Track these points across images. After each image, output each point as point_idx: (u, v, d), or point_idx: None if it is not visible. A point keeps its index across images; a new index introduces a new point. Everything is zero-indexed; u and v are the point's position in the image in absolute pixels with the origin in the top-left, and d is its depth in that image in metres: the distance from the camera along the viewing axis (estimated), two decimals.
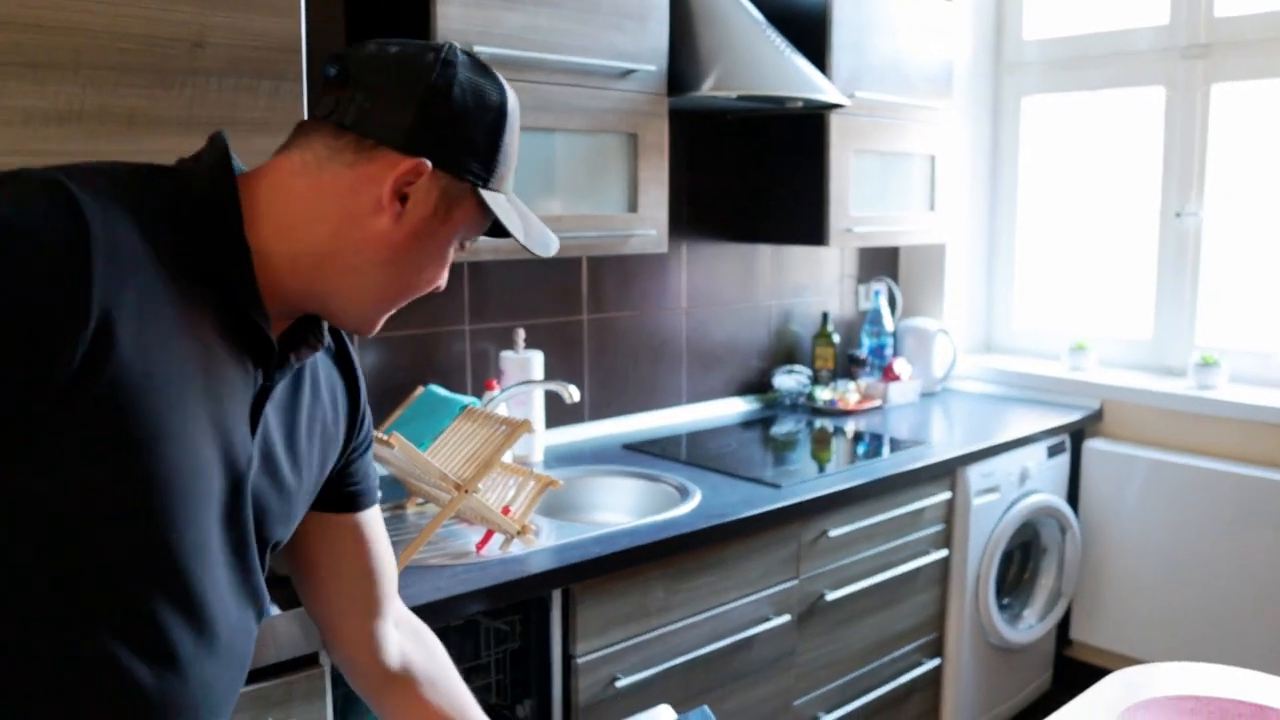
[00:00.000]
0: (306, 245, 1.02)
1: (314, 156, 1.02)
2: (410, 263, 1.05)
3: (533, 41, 2.14)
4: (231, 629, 1.04)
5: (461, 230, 1.07)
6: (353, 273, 1.03)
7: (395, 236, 1.03)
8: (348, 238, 1.02)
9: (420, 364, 2.44)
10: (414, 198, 1.02)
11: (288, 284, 1.03)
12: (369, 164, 1.01)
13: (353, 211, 1.02)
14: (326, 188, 1.01)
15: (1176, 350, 3.26)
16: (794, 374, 3.22)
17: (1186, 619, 3.03)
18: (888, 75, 2.95)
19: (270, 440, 1.07)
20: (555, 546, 1.97)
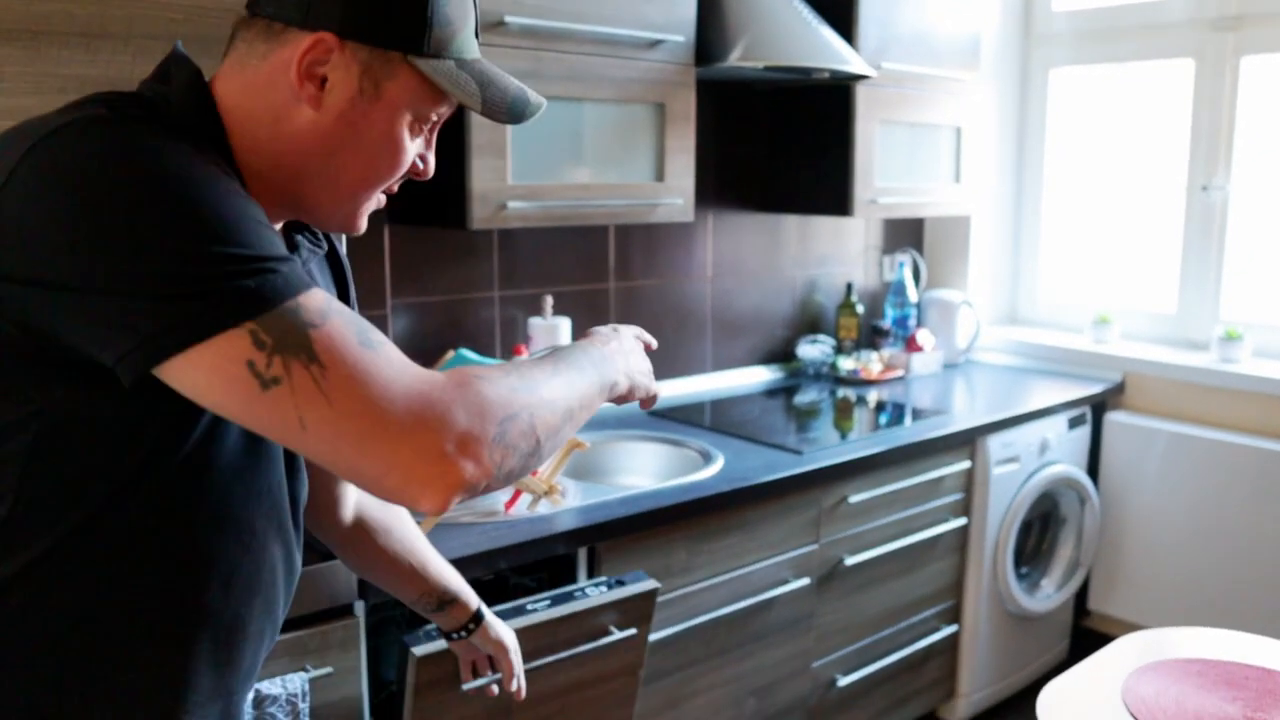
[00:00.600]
0: (257, 155, 0.98)
1: (238, 55, 0.98)
2: (355, 151, 0.98)
3: (562, 11, 2.17)
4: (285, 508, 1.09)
5: (407, 107, 0.98)
6: (302, 176, 0.99)
7: (324, 124, 0.96)
8: (282, 135, 0.97)
9: (450, 329, 2.50)
10: (332, 78, 0.95)
11: (270, 195, 0.99)
12: (281, 49, 0.95)
13: (275, 106, 0.96)
14: (250, 86, 0.96)
15: (1200, 324, 3.27)
16: (818, 344, 3.25)
17: (1204, 590, 3.06)
18: (915, 47, 2.97)
19: None
20: (581, 507, 2.02)
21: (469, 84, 0.99)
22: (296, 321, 0.84)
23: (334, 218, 1.03)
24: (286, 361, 0.83)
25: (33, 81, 1.26)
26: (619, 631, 1.88)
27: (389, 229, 2.34)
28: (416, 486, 0.85)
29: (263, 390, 0.83)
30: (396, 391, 0.85)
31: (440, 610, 1.45)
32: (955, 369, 3.45)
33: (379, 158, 0.99)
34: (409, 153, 1.01)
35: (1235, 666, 1.65)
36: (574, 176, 2.28)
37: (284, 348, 0.83)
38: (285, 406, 0.83)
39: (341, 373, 0.84)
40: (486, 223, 2.13)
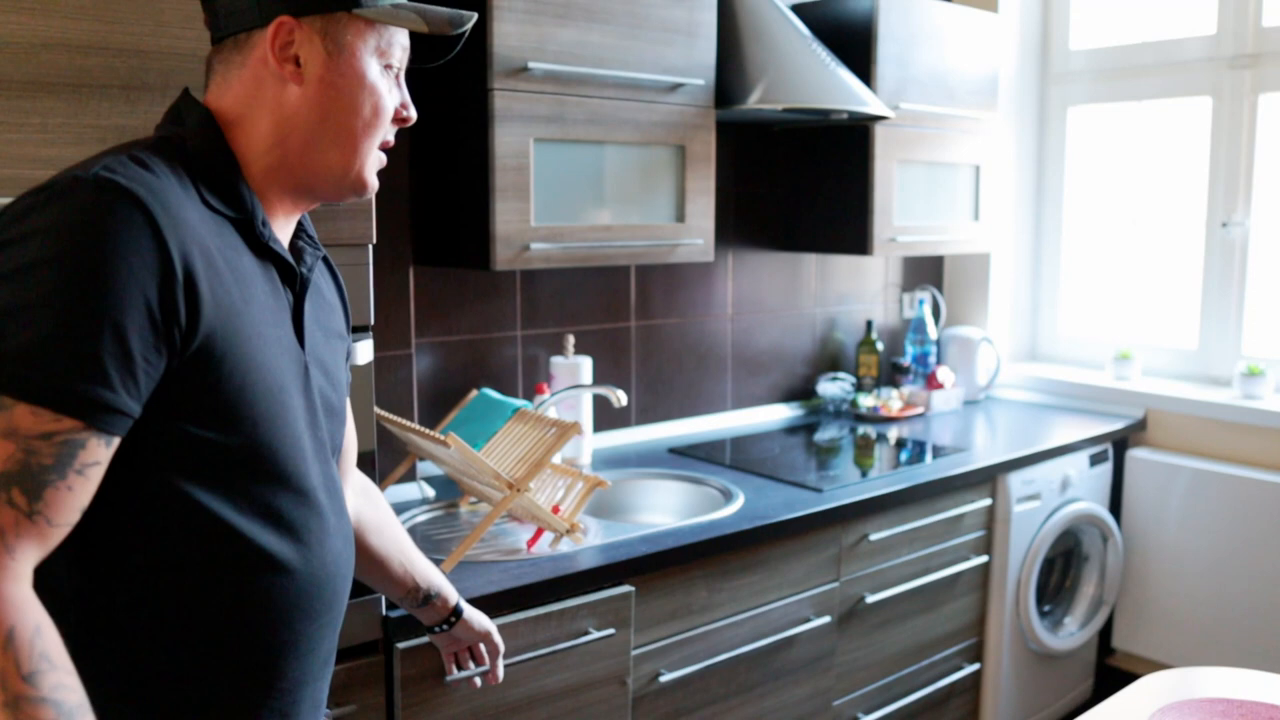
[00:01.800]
0: (267, 150, 1.11)
1: (220, 77, 1.12)
2: (342, 108, 1.12)
3: (584, 57, 2.22)
4: (334, 510, 1.18)
5: (368, 54, 1.12)
6: (309, 147, 1.12)
7: (311, 94, 1.10)
8: (281, 121, 1.11)
9: (473, 368, 2.53)
10: (302, 54, 1.10)
11: (281, 194, 1.14)
12: (251, 52, 1.10)
13: (267, 99, 1.10)
14: (241, 95, 1.11)
15: (1222, 360, 3.27)
16: (838, 381, 3.27)
17: (1230, 629, 3.04)
18: (932, 87, 3.00)
19: (315, 347, 1.19)
20: (603, 545, 2.04)
21: (408, 14, 1.13)
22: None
23: (346, 179, 1.15)
24: None
25: (75, 132, 1.31)
26: (597, 632, 1.92)
27: (414, 270, 2.37)
28: None
29: None
30: None
31: (423, 606, 1.56)
32: (976, 406, 3.45)
33: (364, 103, 1.13)
34: (386, 94, 1.14)
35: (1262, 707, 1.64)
36: (596, 218, 2.31)
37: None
38: None
39: None
40: (510, 264, 2.16)
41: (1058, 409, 3.39)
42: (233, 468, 1.04)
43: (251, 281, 1.07)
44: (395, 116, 1.18)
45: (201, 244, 1.00)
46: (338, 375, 1.25)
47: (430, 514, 2.24)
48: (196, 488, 1.02)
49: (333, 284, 1.32)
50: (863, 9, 2.86)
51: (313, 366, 1.17)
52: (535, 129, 2.17)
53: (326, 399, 1.20)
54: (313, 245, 1.23)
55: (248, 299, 1.05)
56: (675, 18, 2.36)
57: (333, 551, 1.16)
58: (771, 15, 2.62)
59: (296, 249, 1.20)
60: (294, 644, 1.12)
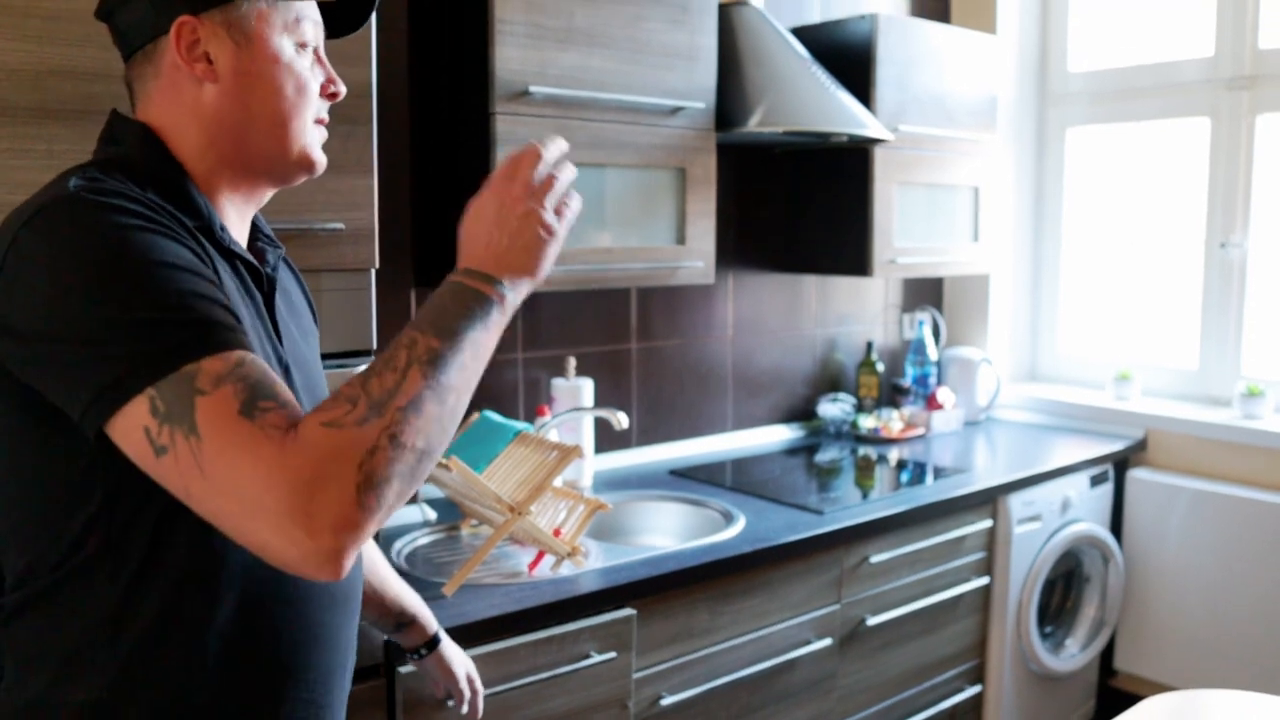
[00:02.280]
0: (202, 154, 1.10)
1: (140, 92, 1.11)
2: (264, 95, 1.10)
3: (585, 81, 2.23)
4: None
5: (276, 36, 1.10)
6: (242, 141, 1.11)
7: (229, 88, 1.09)
8: (208, 122, 1.09)
9: (475, 390, 2.52)
10: (211, 50, 1.08)
11: (231, 193, 1.14)
12: (160, 61, 1.09)
13: (187, 103, 1.09)
14: (164, 105, 1.10)
15: (1222, 380, 3.27)
16: (838, 402, 3.27)
17: (1232, 650, 3.03)
18: (931, 109, 3.01)
19: (293, 347, 1.19)
20: (604, 568, 2.03)
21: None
22: (188, 389, 0.90)
23: (289, 161, 1.13)
24: (173, 431, 0.89)
25: (80, 158, 1.30)
26: (598, 656, 1.91)
27: (415, 292, 2.38)
28: (304, 563, 0.90)
29: (156, 457, 0.90)
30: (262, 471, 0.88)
31: (399, 631, 1.56)
32: (976, 427, 3.45)
33: (286, 84, 1.11)
34: (305, 72, 1.13)
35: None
36: (597, 240, 2.32)
37: (172, 416, 0.89)
38: (173, 475, 0.90)
39: (215, 446, 0.89)
40: None
41: (1058, 429, 3.39)
42: None
43: (229, 283, 1.07)
44: (323, 92, 1.16)
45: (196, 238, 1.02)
46: (316, 373, 1.25)
47: (431, 536, 2.24)
48: None
49: (295, 281, 1.31)
50: (862, 32, 2.88)
51: (294, 367, 1.16)
52: None
53: (312, 396, 1.20)
54: (272, 244, 1.22)
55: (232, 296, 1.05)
56: (676, 42, 2.37)
57: None
58: (771, 39, 2.63)
59: (257, 250, 1.20)
60: (319, 633, 1.13)
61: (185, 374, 0.90)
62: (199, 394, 0.89)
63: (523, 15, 2.13)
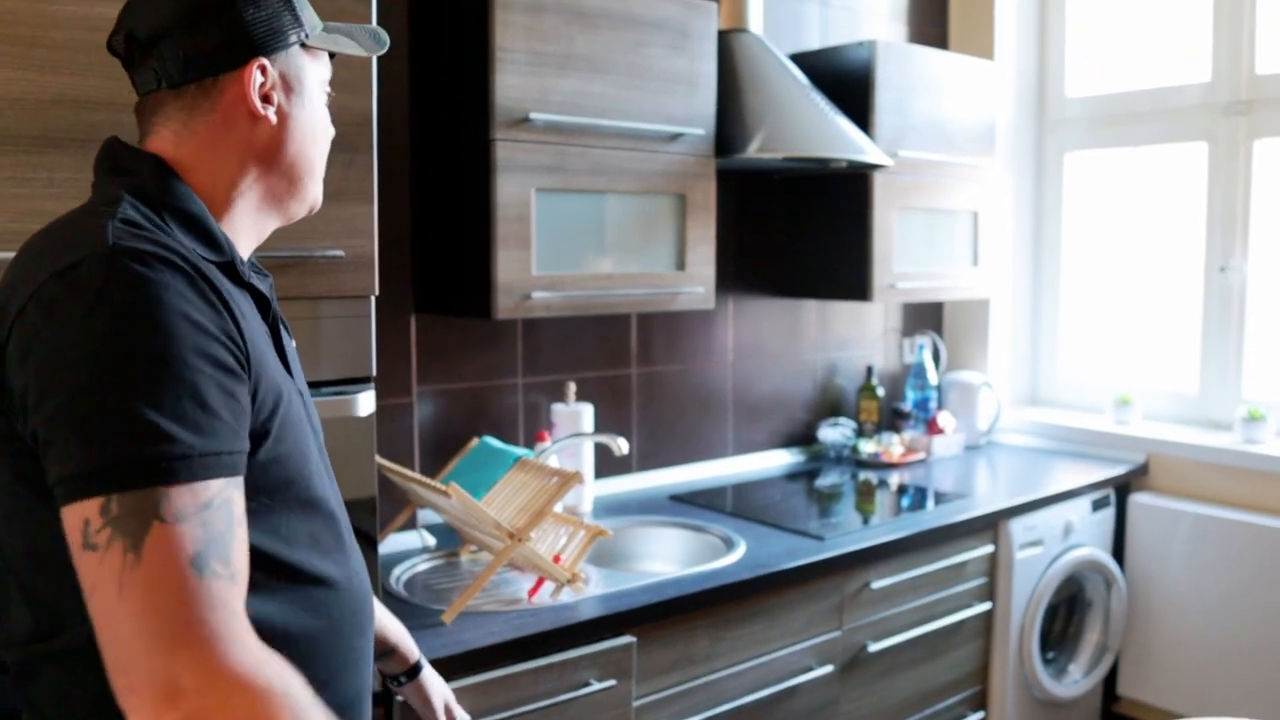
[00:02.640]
0: (236, 189, 1.13)
1: (179, 124, 1.11)
2: (307, 140, 1.17)
3: (586, 107, 2.24)
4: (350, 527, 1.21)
5: (317, 85, 1.18)
6: (285, 179, 1.17)
7: (282, 131, 1.14)
8: (252, 159, 1.13)
9: (474, 416, 2.53)
10: (274, 93, 1.13)
11: (249, 228, 1.17)
12: (221, 96, 1.10)
13: (239, 139, 1.12)
14: (207, 139, 1.11)
15: (1223, 404, 3.27)
16: (838, 427, 3.26)
17: (1236, 675, 3.02)
18: (930, 134, 3.02)
19: (297, 374, 1.21)
20: (604, 595, 2.03)
21: (343, 42, 1.20)
22: (149, 510, 0.87)
23: (307, 199, 1.21)
24: (113, 537, 0.87)
25: (81, 187, 1.31)
26: (598, 683, 1.90)
27: (416, 318, 2.38)
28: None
29: (83, 548, 0.88)
30: (175, 637, 0.85)
31: (380, 659, 1.51)
32: (977, 451, 3.45)
33: (321, 132, 1.20)
34: (329, 121, 1.21)
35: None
36: (597, 266, 2.32)
37: (119, 525, 0.87)
38: (89, 570, 0.87)
39: (147, 578, 0.86)
40: (511, 313, 2.17)
41: (1059, 454, 3.39)
42: (271, 499, 1.06)
43: (249, 319, 1.07)
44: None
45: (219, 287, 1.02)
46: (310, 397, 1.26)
47: (431, 563, 2.23)
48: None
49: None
50: (861, 58, 2.89)
51: (304, 393, 1.20)
52: (537, 179, 2.18)
53: (316, 423, 1.23)
54: (260, 274, 1.22)
55: (255, 337, 1.06)
56: (675, 68, 2.38)
57: (361, 565, 1.21)
58: (770, 65, 2.64)
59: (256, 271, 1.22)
60: (351, 659, 1.16)
61: (154, 495, 0.88)
62: (159, 520, 0.87)
63: (523, 42, 2.14)
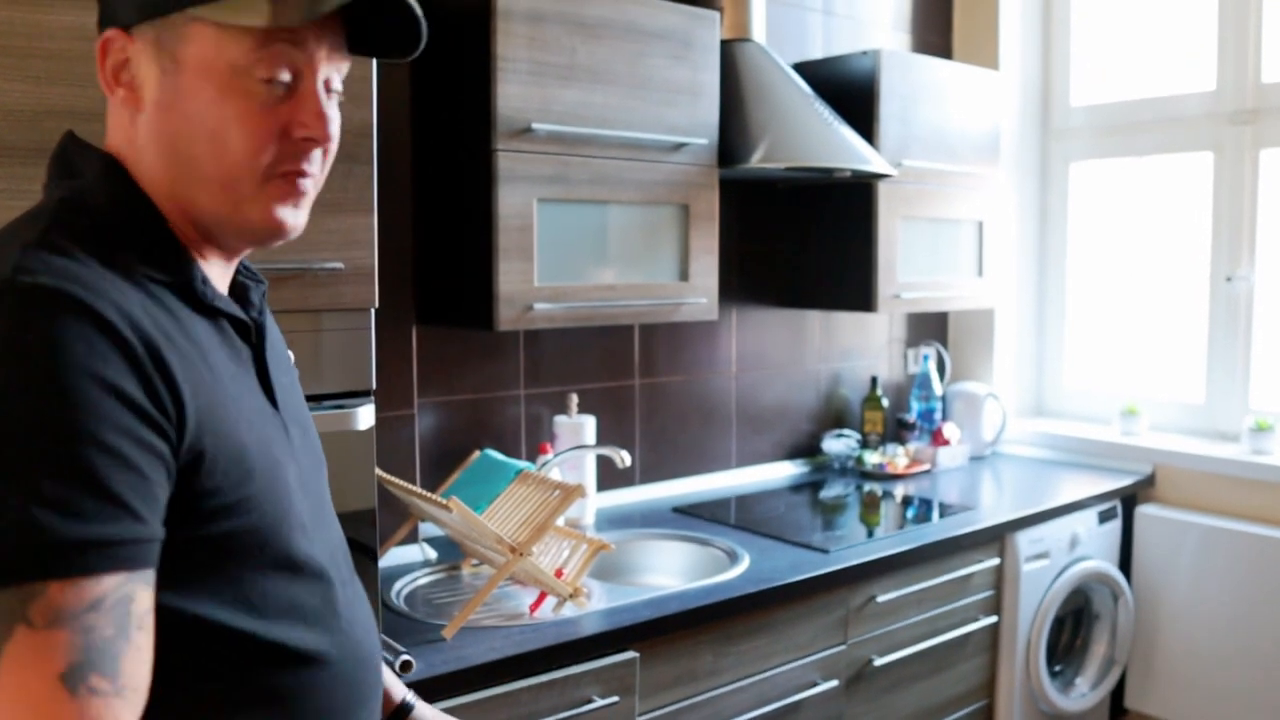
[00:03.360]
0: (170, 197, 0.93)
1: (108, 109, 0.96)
2: (193, 134, 0.90)
3: (588, 118, 2.22)
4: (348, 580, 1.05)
5: (221, 64, 0.89)
6: (184, 190, 0.93)
7: (155, 122, 0.91)
8: (146, 157, 0.93)
9: (476, 428, 2.51)
10: (138, 74, 0.91)
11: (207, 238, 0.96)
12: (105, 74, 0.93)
13: (124, 131, 0.94)
14: (114, 130, 0.95)
15: (1229, 415, 3.24)
16: (843, 438, 3.24)
17: (1244, 689, 2.99)
18: (934, 144, 3.01)
19: (287, 401, 1.04)
20: (606, 610, 2.01)
21: (259, 5, 0.88)
22: (15, 611, 0.73)
23: (233, 225, 0.94)
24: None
25: None
26: (601, 700, 1.88)
27: (417, 330, 2.36)
28: None
29: None
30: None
31: None
32: (982, 462, 3.42)
33: (222, 131, 0.90)
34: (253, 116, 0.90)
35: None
36: (599, 277, 2.31)
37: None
38: None
39: (6, 692, 0.72)
40: (513, 324, 2.15)
41: (1065, 465, 3.36)
42: (240, 568, 0.89)
43: (210, 351, 0.91)
44: (291, 136, 0.92)
45: (156, 326, 0.84)
46: (310, 423, 1.11)
47: (432, 576, 2.21)
48: (205, 602, 0.87)
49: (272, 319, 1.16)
50: (864, 67, 2.88)
51: (292, 426, 1.02)
52: (539, 189, 2.17)
53: (313, 456, 1.07)
54: (255, 279, 1.06)
55: (215, 374, 0.90)
56: (678, 78, 2.37)
57: (361, 628, 1.03)
58: (773, 75, 2.63)
59: (240, 286, 1.04)
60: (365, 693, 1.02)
61: (21, 594, 0.73)
62: (24, 623, 0.72)
63: (525, 52, 2.12)
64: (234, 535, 0.88)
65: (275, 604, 0.92)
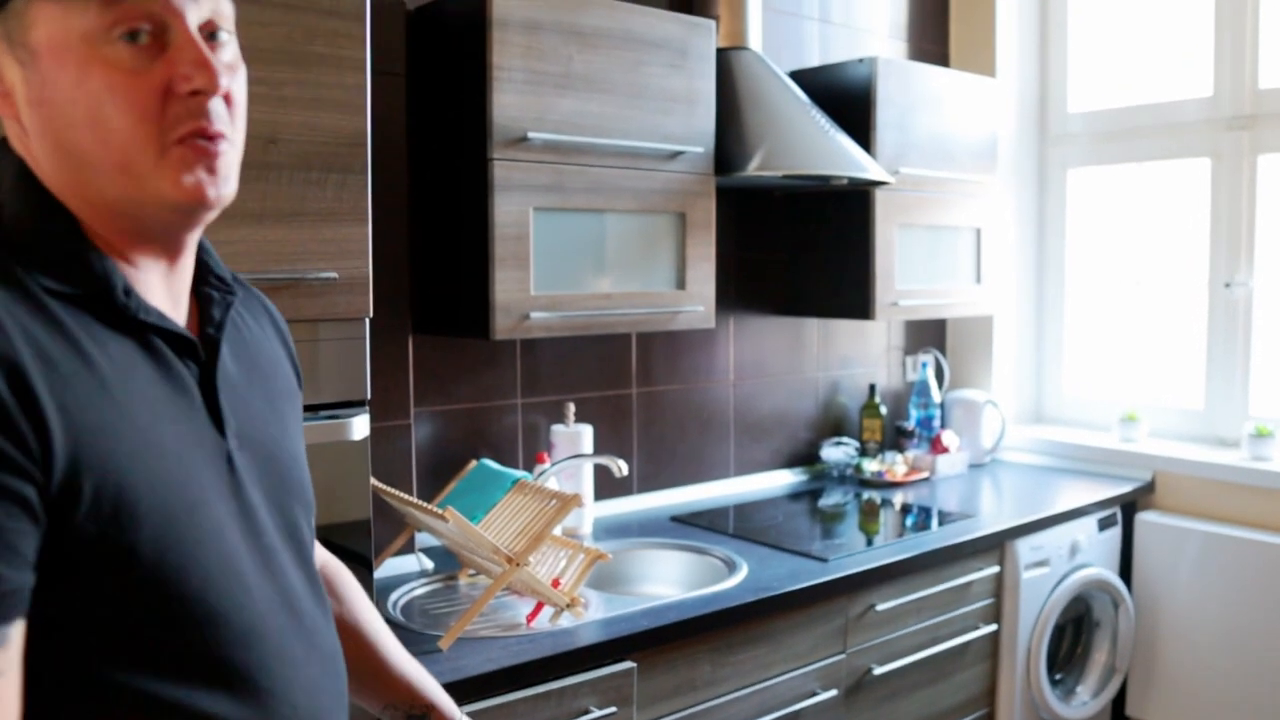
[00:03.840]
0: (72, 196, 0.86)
1: None
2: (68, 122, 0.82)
3: (584, 127, 2.22)
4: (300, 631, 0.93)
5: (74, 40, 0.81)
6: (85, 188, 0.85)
7: (30, 121, 0.84)
8: (41, 156, 0.86)
9: (472, 437, 2.50)
10: (3, 76, 0.85)
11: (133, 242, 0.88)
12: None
13: (19, 135, 0.87)
14: (13, 135, 0.88)
15: (1229, 421, 3.24)
16: (841, 446, 3.23)
17: (1246, 696, 2.98)
18: (932, 151, 3.00)
19: (248, 424, 0.94)
20: (604, 620, 2.00)
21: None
22: None
23: (152, 198, 0.84)
24: None
25: None
26: (598, 711, 1.87)
27: (413, 339, 2.36)
28: None
29: None
30: None
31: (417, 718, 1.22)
32: (981, 469, 3.41)
33: (97, 110, 0.82)
34: (126, 82, 0.82)
35: None
36: (596, 286, 2.30)
37: None
38: None
39: None
40: (509, 333, 2.15)
41: (1064, 472, 3.35)
42: (142, 623, 0.80)
43: (125, 374, 0.83)
44: (176, 93, 0.83)
45: (36, 349, 0.77)
46: (289, 447, 1.00)
47: (429, 587, 2.20)
48: (100, 661, 0.79)
49: (271, 328, 1.07)
50: (861, 75, 2.88)
51: (242, 453, 0.91)
52: (535, 198, 2.16)
53: (279, 483, 0.96)
54: (223, 289, 0.96)
55: (119, 401, 0.81)
56: (675, 87, 2.36)
57: (305, 689, 0.91)
58: (770, 83, 2.63)
59: (205, 297, 0.95)
60: None
61: None
62: None
63: (521, 61, 2.12)
64: (128, 586, 0.79)
65: (185, 666, 0.82)
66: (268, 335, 1.06)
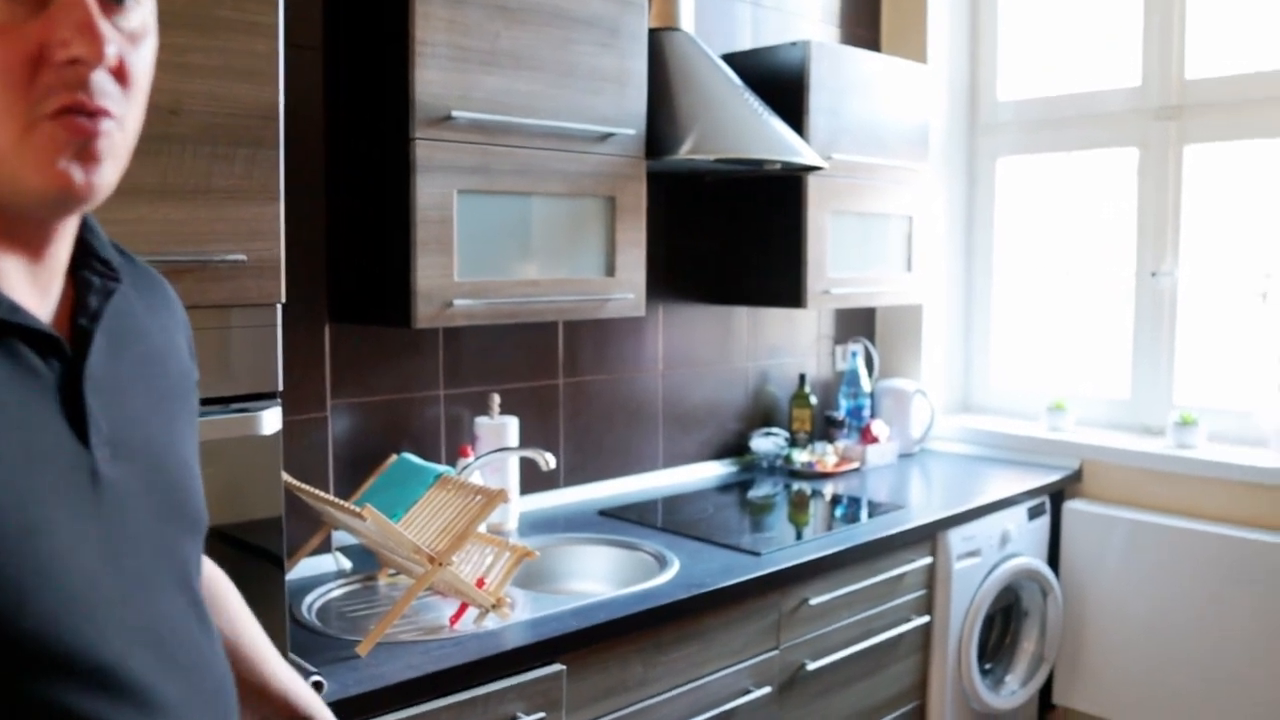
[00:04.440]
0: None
1: None
2: None
3: (511, 106, 2.13)
4: (170, 673, 0.79)
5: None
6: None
7: None
8: None
9: (392, 431, 2.40)
10: None
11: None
12: None
13: None
14: None
15: (1155, 409, 3.26)
16: (771, 436, 3.19)
17: (1170, 682, 3.00)
18: (864, 137, 2.96)
19: (124, 420, 0.82)
20: (531, 620, 1.92)
21: None
22: None
23: (12, 185, 0.72)
24: None
25: None
26: (526, 717, 1.79)
27: (330, 327, 2.24)
28: None
29: None
30: None
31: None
32: (911, 459, 3.40)
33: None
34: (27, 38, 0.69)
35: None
36: (522, 272, 2.21)
37: None
38: None
39: None
40: (431, 321, 2.05)
41: (993, 461, 3.35)
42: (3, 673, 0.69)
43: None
44: (50, 60, 0.70)
45: None
46: (179, 453, 0.88)
47: (346, 588, 2.10)
48: None
49: (169, 316, 0.95)
50: (794, 59, 2.82)
51: (116, 464, 0.79)
52: (459, 180, 2.06)
53: (164, 497, 0.84)
54: (106, 273, 0.84)
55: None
56: (605, 66, 2.28)
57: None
58: (703, 65, 2.56)
59: (83, 282, 0.83)
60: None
61: None
62: None
63: (444, 36, 2.02)
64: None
65: (21, 713, 0.70)
66: (161, 324, 0.93)
